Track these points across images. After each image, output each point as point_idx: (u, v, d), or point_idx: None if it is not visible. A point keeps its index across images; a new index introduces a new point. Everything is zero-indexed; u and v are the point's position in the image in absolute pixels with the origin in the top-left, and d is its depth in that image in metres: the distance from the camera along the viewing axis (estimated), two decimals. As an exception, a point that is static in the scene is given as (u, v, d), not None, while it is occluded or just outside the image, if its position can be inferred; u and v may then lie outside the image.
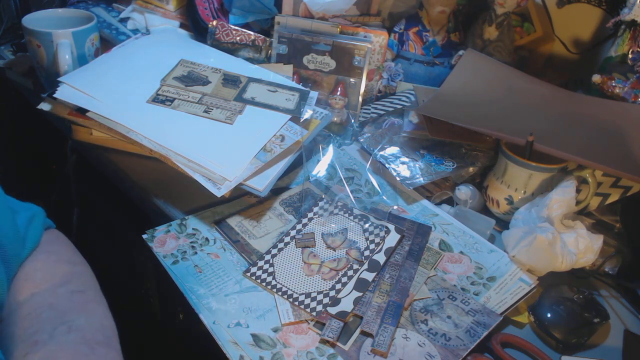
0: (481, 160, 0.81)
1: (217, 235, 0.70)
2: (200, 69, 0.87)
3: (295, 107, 0.82)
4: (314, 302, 0.61)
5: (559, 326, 0.61)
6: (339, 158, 0.85)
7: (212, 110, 0.79)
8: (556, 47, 1.04)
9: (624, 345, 0.62)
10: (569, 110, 0.83)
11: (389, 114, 0.91)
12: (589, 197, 0.72)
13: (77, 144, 0.84)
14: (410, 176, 0.78)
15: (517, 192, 0.75)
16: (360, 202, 0.77)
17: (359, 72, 0.91)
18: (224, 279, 0.64)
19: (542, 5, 1.02)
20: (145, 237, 0.68)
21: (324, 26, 0.93)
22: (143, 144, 0.73)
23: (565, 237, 0.66)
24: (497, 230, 0.76)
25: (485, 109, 0.82)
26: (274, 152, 0.75)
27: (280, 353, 0.56)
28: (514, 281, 0.66)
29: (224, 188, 0.70)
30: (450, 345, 0.58)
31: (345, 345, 0.57)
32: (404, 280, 0.65)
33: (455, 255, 0.70)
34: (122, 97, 0.79)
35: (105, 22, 1.04)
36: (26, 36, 0.88)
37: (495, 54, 0.95)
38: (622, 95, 0.82)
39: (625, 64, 0.84)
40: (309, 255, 0.67)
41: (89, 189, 1.01)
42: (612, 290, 0.70)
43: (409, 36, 0.97)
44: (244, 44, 0.95)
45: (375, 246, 0.68)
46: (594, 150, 0.71)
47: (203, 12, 0.99)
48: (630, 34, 0.84)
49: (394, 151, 0.83)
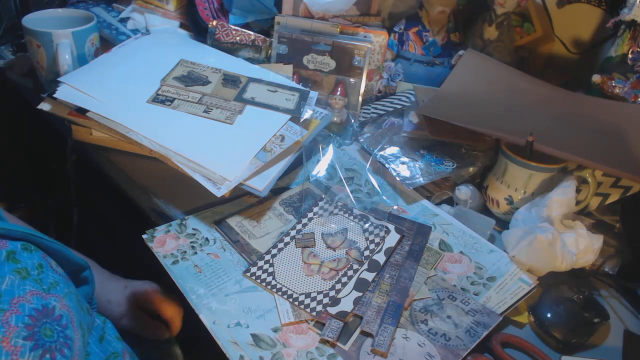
0: (481, 160, 0.81)
1: (217, 235, 0.70)
2: (200, 69, 0.87)
3: (295, 107, 0.82)
4: (314, 302, 0.61)
5: (559, 326, 0.61)
6: (339, 158, 0.85)
7: (212, 110, 0.79)
8: (556, 47, 1.04)
9: (624, 345, 0.62)
10: (569, 110, 0.83)
11: (389, 114, 0.91)
12: (589, 197, 0.73)
13: (77, 144, 0.84)
14: (410, 176, 0.78)
15: (517, 192, 0.75)
16: (360, 202, 0.77)
17: (359, 72, 0.91)
18: (224, 279, 0.64)
19: (542, 5, 1.02)
20: (145, 237, 0.68)
21: (324, 26, 0.93)
22: (143, 144, 0.73)
23: (565, 237, 0.66)
24: (497, 230, 0.76)
25: (485, 109, 0.82)
26: (274, 152, 0.75)
27: (280, 353, 0.56)
28: (514, 281, 0.66)
29: (224, 188, 0.70)
30: (450, 345, 0.58)
31: (345, 345, 0.57)
32: (404, 280, 0.65)
33: (455, 255, 0.70)
34: (122, 97, 0.79)
35: (105, 22, 1.04)
36: (26, 36, 0.88)
37: (495, 54, 0.95)
38: (622, 95, 0.82)
39: (625, 64, 0.84)
40: (309, 255, 0.67)
41: (89, 189, 1.01)
42: (612, 290, 0.70)
43: (409, 36, 0.97)
44: (244, 44, 0.95)
45: (375, 246, 0.68)
46: (594, 150, 0.71)
47: (203, 12, 0.99)
48: (630, 34, 0.84)
49: (394, 151, 0.83)
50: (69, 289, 0.54)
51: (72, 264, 0.58)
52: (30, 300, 0.48)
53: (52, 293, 0.50)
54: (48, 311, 0.49)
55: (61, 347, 0.48)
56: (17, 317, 0.46)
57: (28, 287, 0.49)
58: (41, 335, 0.47)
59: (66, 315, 0.50)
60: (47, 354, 0.47)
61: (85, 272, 0.61)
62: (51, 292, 0.50)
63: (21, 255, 0.50)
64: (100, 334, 0.63)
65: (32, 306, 0.48)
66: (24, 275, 0.49)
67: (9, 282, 0.48)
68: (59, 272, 0.54)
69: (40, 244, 0.54)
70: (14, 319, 0.46)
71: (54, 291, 0.51)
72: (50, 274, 0.52)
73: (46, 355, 0.47)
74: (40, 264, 0.52)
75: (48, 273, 0.52)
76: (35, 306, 0.48)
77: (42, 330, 0.48)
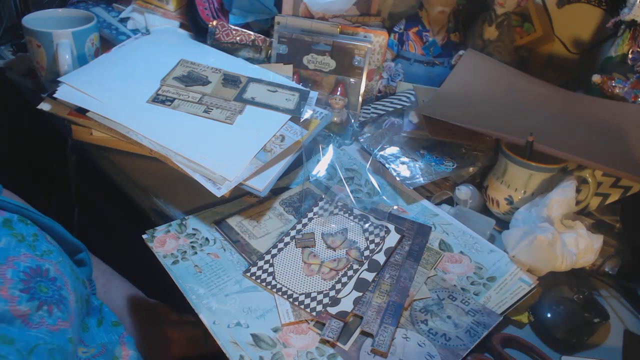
0: (481, 160, 0.81)
1: (217, 235, 0.70)
2: (200, 69, 0.87)
3: (295, 107, 0.82)
4: (314, 302, 0.61)
5: (559, 326, 0.61)
6: (339, 158, 0.85)
7: (212, 110, 0.79)
8: (556, 47, 1.04)
9: (624, 345, 0.62)
10: (569, 110, 0.83)
11: (389, 114, 0.91)
12: (589, 197, 0.72)
13: (77, 144, 0.84)
14: (410, 176, 0.78)
15: (517, 192, 0.75)
16: (360, 202, 0.77)
17: (359, 72, 0.91)
18: (224, 279, 0.64)
19: (542, 5, 1.02)
20: (145, 237, 0.68)
21: (324, 26, 0.93)
22: (143, 144, 0.73)
23: (565, 237, 0.66)
24: (497, 230, 0.76)
25: (485, 109, 0.82)
26: (274, 152, 0.75)
27: (280, 353, 0.56)
28: (514, 281, 0.66)
29: (224, 188, 0.70)
30: (450, 345, 0.58)
31: (345, 345, 0.57)
32: (404, 280, 0.65)
33: (455, 255, 0.70)
34: (122, 97, 0.79)
35: (105, 22, 1.04)
36: (26, 36, 0.88)
37: (495, 54, 0.95)
38: (622, 95, 0.82)
39: (625, 64, 0.84)
40: (309, 255, 0.67)
41: (89, 189, 1.01)
42: (612, 290, 0.70)
43: (409, 36, 0.97)
44: (244, 44, 0.95)
45: (375, 246, 0.68)
46: (594, 150, 0.71)
47: (203, 12, 0.99)
48: (630, 34, 0.84)
49: (394, 151, 0.83)
50: (63, 258, 0.54)
51: (67, 244, 0.58)
52: (25, 260, 0.49)
53: (46, 259, 0.51)
54: (42, 272, 0.50)
55: (58, 302, 0.49)
56: (13, 271, 0.47)
57: (23, 250, 0.50)
58: (37, 290, 0.48)
59: (60, 278, 0.51)
60: (44, 305, 0.48)
61: (82, 254, 0.61)
62: (44, 257, 0.51)
63: (17, 224, 0.51)
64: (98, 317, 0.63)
65: (27, 264, 0.49)
66: (20, 239, 0.50)
67: (4, 242, 0.49)
68: (53, 244, 0.55)
69: (35, 220, 0.54)
70: (9, 272, 0.47)
71: (47, 257, 0.52)
72: (45, 243, 0.53)
73: (43, 307, 0.47)
74: (35, 233, 0.53)
75: (42, 242, 0.53)
76: (30, 265, 0.49)
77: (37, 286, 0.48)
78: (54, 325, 0.48)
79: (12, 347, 0.43)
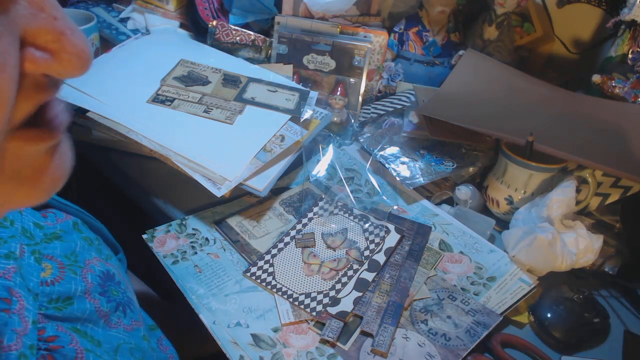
0: (481, 160, 0.81)
1: (217, 235, 0.70)
2: (200, 69, 0.87)
3: (295, 107, 0.82)
4: (314, 302, 0.61)
5: (559, 326, 0.61)
6: (339, 158, 0.85)
7: (212, 110, 0.79)
8: (556, 47, 1.04)
9: (624, 345, 0.62)
10: (569, 110, 0.83)
11: (389, 114, 0.91)
12: (589, 197, 0.72)
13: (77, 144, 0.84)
14: (410, 176, 0.78)
15: (517, 192, 0.75)
16: (360, 202, 0.77)
17: (359, 72, 0.91)
18: (223, 279, 0.64)
19: (542, 5, 1.02)
20: (145, 237, 0.68)
21: (324, 26, 0.93)
22: (143, 144, 0.73)
23: (565, 237, 0.66)
24: (497, 230, 0.76)
25: (485, 109, 0.82)
26: (274, 152, 0.75)
27: (280, 353, 0.56)
28: (514, 281, 0.66)
29: (224, 188, 0.70)
30: (450, 345, 0.58)
31: (345, 345, 0.57)
32: (404, 280, 0.65)
33: (455, 255, 0.70)
34: (122, 97, 0.79)
35: (105, 22, 1.04)
36: (26, 36, 0.88)
37: (495, 54, 0.95)
38: (622, 95, 0.82)
39: (625, 64, 0.84)
40: (309, 255, 0.67)
41: (89, 188, 1.01)
42: (612, 290, 0.70)
43: (409, 36, 0.97)
44: (244, 44, 0.95)
45: (375, 246, 0.68)
46: (594, 150, 0.71)
47: (203, 12, 0.99)
48: (630, 34, 0.84)
49: (394, 151, 0.83)
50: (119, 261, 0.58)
51: (111, 246, 0.61)
52: (97, 264, 0.51)
53: (110, 263, 0.54)
54: (110, 276, 0.52)
55: (127, 304, 0.52)
56: (91, 275, 0.50)
57: (93, 253, 0.52)
58: (111, 294, 0.51)
59: (123, 282, 0.54)
60: (120, 307, 0.51)
61: (120, 255, 0.63)
62: (109, 262, 0.54)
63: (82, 227, 0.54)
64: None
65: (100, 269, 0.51)
66: (89, 243, 0.53)
67: (80, 245, 0.51)
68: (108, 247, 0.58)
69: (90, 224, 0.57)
70: (89, 276, 0.49)
71: (110, 261, 0.54)
72: (104, 247, 0.56)
73: (120, 308, 0.51)
74: (97, 237, 0.56)
75: (103, 246, 0.56)
76: (102, 269, 0.51)
77: (110, 290, 0.51)
78: (129, 325, 0.50)
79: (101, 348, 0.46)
